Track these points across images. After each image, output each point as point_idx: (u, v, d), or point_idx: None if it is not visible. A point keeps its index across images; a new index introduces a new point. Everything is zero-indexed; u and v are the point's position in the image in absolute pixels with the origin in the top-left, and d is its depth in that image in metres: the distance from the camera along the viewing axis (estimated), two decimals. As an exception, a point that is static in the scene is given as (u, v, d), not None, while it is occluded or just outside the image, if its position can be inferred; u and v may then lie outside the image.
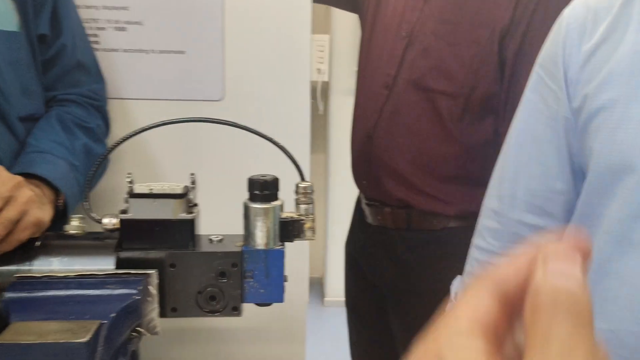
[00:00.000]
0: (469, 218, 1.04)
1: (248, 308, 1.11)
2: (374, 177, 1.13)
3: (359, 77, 1.21)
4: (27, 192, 0.66)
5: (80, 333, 0.54)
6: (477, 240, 0.82)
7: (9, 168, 0.78)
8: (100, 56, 0.99)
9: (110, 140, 0.98)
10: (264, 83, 1.07)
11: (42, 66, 0.88)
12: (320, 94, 2.78)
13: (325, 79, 2.75)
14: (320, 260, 3.12)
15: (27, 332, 0.54)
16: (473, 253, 0.83)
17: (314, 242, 1.21)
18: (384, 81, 1.09)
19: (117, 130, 0.99)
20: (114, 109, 1.02)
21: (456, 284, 0.88)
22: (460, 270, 1.03)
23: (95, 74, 0.97)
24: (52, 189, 0.78)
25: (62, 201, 0.78)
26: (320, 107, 2.83)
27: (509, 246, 0.76)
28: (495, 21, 0.99)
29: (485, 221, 0.80)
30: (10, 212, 0.62)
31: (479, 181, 1.03)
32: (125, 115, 1.04)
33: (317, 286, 3.19)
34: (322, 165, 2.98)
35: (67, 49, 0.89)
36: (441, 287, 1.04)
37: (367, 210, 1.18)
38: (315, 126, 1.14)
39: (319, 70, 2.68)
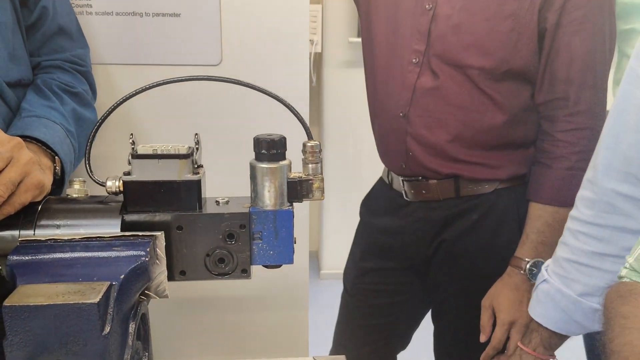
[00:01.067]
0: (520, 178, 1.10)
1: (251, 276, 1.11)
2: (413, 156, 1.10)
3: (374, 51, 1.14)
4: (28, 154, 0.64)
5: (90, 294, 0.52)
6: (572, 210, 0.82)
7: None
8: (94, 20, 0.96)
9: (99, 106, 0.96)
10: (262, 47, 1.05)
11: (26, 32, 0.85)
12: (313, 65, 2.74)
13: (318, 50, 2.71)
14: (316, 234, 3.12)
15: (35, 294, 0.52)
16: (567, 223, 0.83)
17: (312, 216, 1.21)
18: (411, 57, 1.06)
19: (115, 95, 0.97)
20: (110, 74, 0.99)
21: (549, 264, 0.87)
22: (512, 229, 1.09)
23: (78, 39, 0.94)
24: (49, 155, 0.76)
25: (58, 167, 0.76)
26: (314, 78, 2.80)
27: (602, 216, 0.77)
28: None
29: (580, 191, 0.81)
30: (12, 173, 0.60)
31: (524, 144, 1.09)
32: (121, 80, 1.01)
33: (313, 259, 3.20)
34: (315, 137, 2.95)
35: (49, 12, 0.87)
36: (497, 246, 1.10)
37: (406, 188, 1.14)
38: (309, 98, 1.11)
39: (311, 42, 2.64)
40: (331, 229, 3.00)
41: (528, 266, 1.04)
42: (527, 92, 1.05)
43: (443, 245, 1.15)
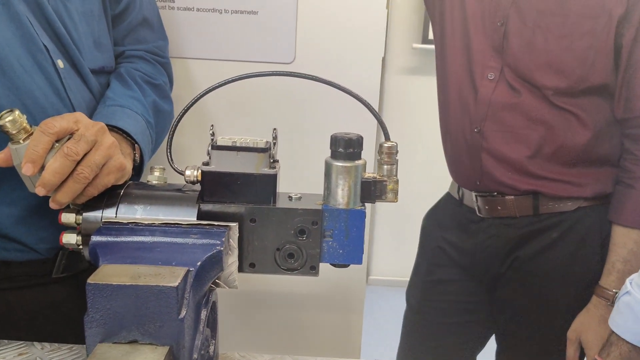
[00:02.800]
0: (605, 197, 1.06)
1: (307, 277, 1.11)
2: (489, 173, 1.07)
3: (446, 67, 1.12)
4: (111, 138, 0.66)
5: (170, 278, 0.54)
6: None
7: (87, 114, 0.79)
8: (175, 15, 0.99)
9: (176, 98, 0.98)
10: (335, 48, 1.05)
11: (112, 21, 0.88)
12: (374, 70, 2.73)
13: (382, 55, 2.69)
14: (366, 238, 3.10)
15: (117, 274, 0.54)
16: None
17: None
18: (486, 72, 1.04)
19: (192, 88, 1.00)
20: (188, 68, 1.02)
21: (634, 277, 0.84)
22: (594, 250, 1.05)
23: (158, 31, 0.97)
24: (129, 143, 0.78)
25: (138, 155, 0.79)
26: (374, 83, 2.79)
27: None
28: (611, 9, 0.95)
29: None
30: (96, 156, 0.62)
31: (610, 161, 1.05)
32: (198, 74, 1.04)
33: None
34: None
35: (135, 3, 0.90)
36: (576, 267, 1.06)
37: (480, 204, 1.11)
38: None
39: (374, 46, 2.63)
40: (381, 236, 2.98)
41: (616, 297, 0.98)
42: (610, 105, 1.02)
43: (516, 263, 1.10)
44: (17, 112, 0.61)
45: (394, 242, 3.03)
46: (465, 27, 1.06)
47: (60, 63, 0.76)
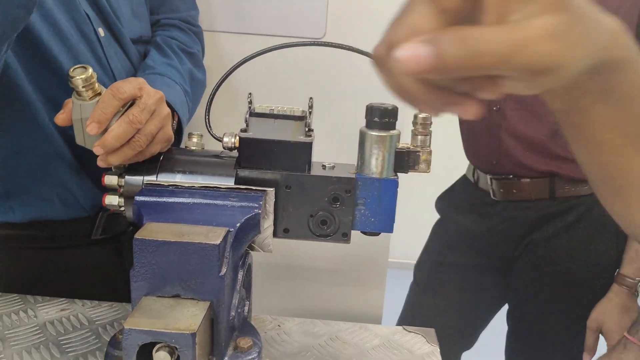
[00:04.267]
0: None
1: (333, 251, 1.13)
2: (507, 152, 1.07)
3: None
4: (166, 108, 0.68)
5: (212, 236, 0.56)
6: None
7: None
8: (208, -12, 1.00)
9: (213, 72, 1.00)
10: (365, 24, 1.06)
11: None
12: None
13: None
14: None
15: (162, 231, 0.56)
16: None
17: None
18: None
19: (222, 61, 1.01)
20: (218, 41, 1.03)
21: None
22: (610, 235, 1.04)
23: (190, 1, 0.98)
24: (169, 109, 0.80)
25: (175, 123, 0.81)
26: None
27: None
28: None
29: None
30: (152, 126, 0.64)
31: None
32: (229, 47, 1.05)
33: (378, 247, 3.20)
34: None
35: None
36: (592, 252, 1.06)
37: (495, 187, 1.11)
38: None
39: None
40: (401, 219, 2.98)
41: (638, 286, 1.00)
42: None
43: (531, 246, 1.11)
44: (90, 71, 0.61)
45: (414, 225, 3.04)
46: None
47: (101, 31, 0.79)
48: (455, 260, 1.21)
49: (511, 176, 1.08)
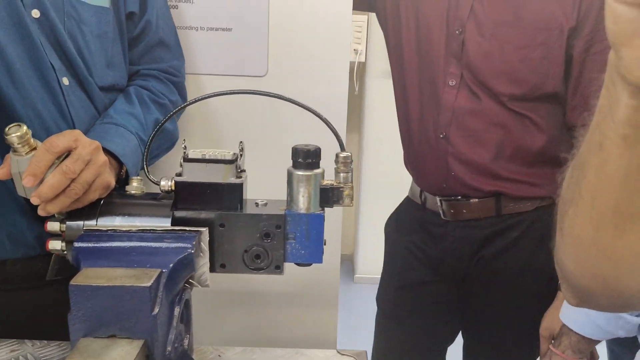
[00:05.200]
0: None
1: (285, 276, 1.17)
2: (455, 176, 1.12)
3: (405, 74, 1.16)
4: (103, 157, 0.72)
5: (143, 279, 0.60)
6: None
7: (86, 132, 0.86)
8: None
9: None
10: (305, 60, 1.12)
11: (129, 43, 0.94)
12: (356, 74, 2.81)
13: (362, 59, 2.77)
14: (351, 238, 3.18)
15: (96, 276, 0.61)
16: None
17: (345, 220, 1.27)
18: (447, 79, 1.09)
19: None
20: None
21: None
22: (544, 249, 1.03)
23: (175, 51, 1.02)
24: (117, 160, 0.84)
25: (124, 172, 0.85)
26: (356, 87, 2.86)
27: None
28: (562, 23, 1.01)
29: None
30: (88, 174, 0.69)
31: (562, 162, 1.10)
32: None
33: (347, 263, 3.26)
34: (355, 144, 3.02)
35: (151, 25, 0.96)
36: (538, 264, 1.11)
37: (445, 208, 1.16)
38: (351, 106, 1.16)
39: (355, 51, 2.71)
40: (366, 235, 3.05)
41: None
42: (561, 110, 1.08)
43: (482, 262, 1.16)
44: (24, 128, 0.66)
45: (379, 240, 3.11)
46: (423, 35, 1.11)
47: (65, 80, 0.83)
48: (417, 280, 1.25)
49: (460, 197, 1.14)
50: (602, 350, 1.13)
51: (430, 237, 1.20)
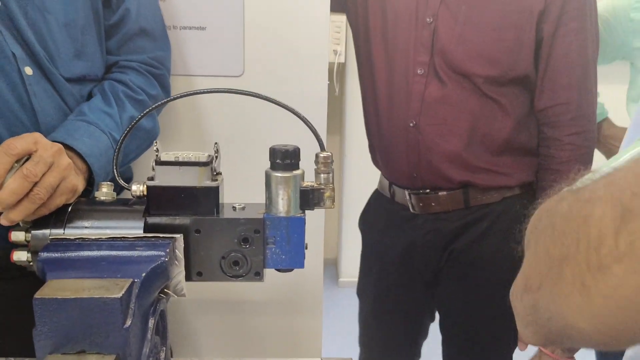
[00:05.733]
0: (526, 186, 1.15)
1: (266, 282, 1.14)
2: (426, 166, 1.13)
3: (374, 64, 1.16)
4: (67, 159, 0.68)
5: (114, 290, 0.57)
6: None
7: (52, 125, 0.81)
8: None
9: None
10: (283, 59, 1.09)
11: (106, 31, 0.90)
12: (336, 75, 2.78)
13: (342, 60, 2.75)
14: (335, 242, 3.15)
15: (63, 288, 0.57)
16: None
17: (328, 224, 1.25)
18: (416, 68, 1.10)
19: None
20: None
21: None
22: (522, 236, 1.10)
23: (160, 41, 0.97)
24: (85, 161, 0.80)
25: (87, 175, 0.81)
26: (336, 88, 2.84)
27: None
28: (531, 5, 1.04)
29: None
30: (52, 178, 0.65)
31: (530, 151, 1.14)
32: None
33: (331, 267, 3.23)
34: (336, 146, 3.00)
35: (130, 13, 0.91)
36: (508, 253, 1.11)
37: (414, 201, 1.16)
38: (331, 108, 1.15)
39: (335, 52, 2.69)
40: (350, 238, 3.02)
41: None
42: (527, 97, 1.11)
43: (453, 254, 1.17)
44: None
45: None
46: (391, 27, 1.12)
47: (28, 70, 0.80)
48: (392, 278, 1.26)
49: (428, 190, 1.15)
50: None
51: (401, 232, 1.21)
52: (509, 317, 1.13)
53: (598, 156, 1.35)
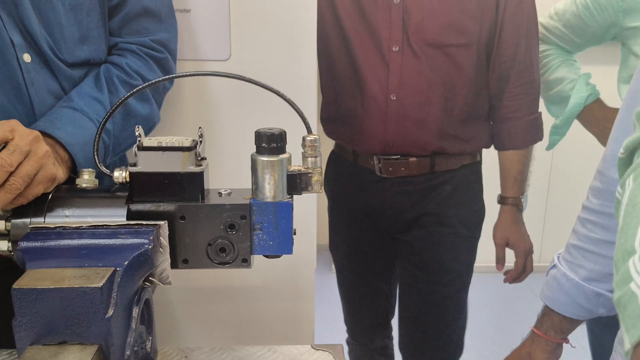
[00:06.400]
0: (477, 154, 1.31)
1: (258, 268, 1.14)
2: (404, 135, 1.23)
3: (349, 44, 1.24)
4: (44, 147, 0.66)
5: (95, 279, 0.55)
6: (584, 200, 0.86)
7: (49, 109, 0.79)
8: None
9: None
10: (270, 43, 1.07)
11: (109, 12, 0.87)
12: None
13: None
14: (327, 227, 3.14)
15: (43, 278, 0.55)
16: (579, 212, 0.87)
17: (321, 210, 1.25)
18: (391, 45, 1.20)
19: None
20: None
21: (561, 252, 0.92)
22: (479, 197, 1.34)
23: (166, 22, 0.94)
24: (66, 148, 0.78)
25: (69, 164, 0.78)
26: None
27: (608, 205, 0.80)
28: None
29: (592, 182, 0.84)
30: (28, 167, 0.63)
31: (484, 116, 1.29)
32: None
33: (325, 253, 3.22)
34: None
35: None
36: (471, 211, 1.33)
37: (382, 165, 1.27)
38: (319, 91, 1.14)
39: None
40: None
41: (522, 201, 1.31)
42: (487, 64, 1.24)
43: (422, 215, 1.29)
44: None
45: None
46: (361, 9, 1.21)
47: (26, 57, 0.77)
48: (360, 234, 1.38)
49: (399, 156, 1.25)
50: (582, 332, 1.13)
51: (368, 194, 1.32)
52: (469, 264, 1.33)
53: (590, 138, 1.34)
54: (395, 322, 1.51)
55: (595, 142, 1.33)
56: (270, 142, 0.66)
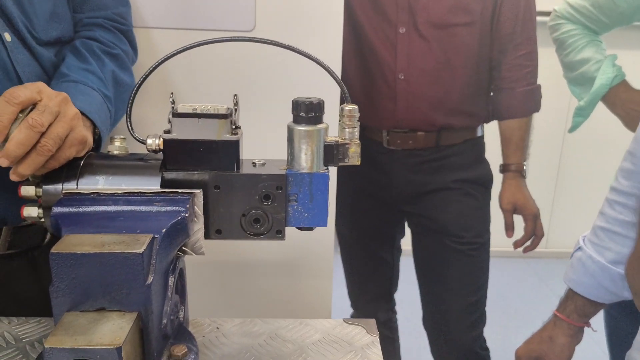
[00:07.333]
0: (479, 129, 1.36)
1: (277, 243, 1.12)
2: (413, 112, 1.29)
3: (359, 26, 1.29)
4: (73, 109, 0.65)
5: (135, 245, 0.54)
6: (612, 182, 0.85)
7: None
8: (131, -17, 0.96)
9: (141, 68, 0.96)
10: (295, 14, 1.04)
11: None
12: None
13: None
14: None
15: (81, 243, 0.54)
16: (607, 194, 0.86)
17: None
18: (398, 28, 1.26)
19: (155, 57, 0.97)
20: (145, 38, 1.00)
21: (587, 234, 0.92)
22: (485, 167, 1.39)
23: None
24: (86, 117, 0.76)
25: (98, 132, 0.77)
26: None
27: (638, 186, 0.79)
28: None
29: (622, 163, 0.83)
30: (59, 128, 0.61)
31: (485, 89, 1.34)
32: (161, 43, 1.02)
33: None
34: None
35: None
36: (479, 179, 1.38)
37: (390, 138, 1.33)
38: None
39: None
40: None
41: (525, 167, 1.36)
42: (488, 39, 1.29)
43: (429, 184, 1.35)
44: None
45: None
46: None
47: (7, 36, 0.74)
48: (368, 203, 1.43)
49: (407, 130, 1.31)
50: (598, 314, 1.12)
51: (376, 163, 1.36)
52: (481, 235, 1.38)
53: (600, 124, 1.36)
54: (410, 300, 1.51)
55: (604, 129, 1.34)
56: (309, 111, 0.64)
